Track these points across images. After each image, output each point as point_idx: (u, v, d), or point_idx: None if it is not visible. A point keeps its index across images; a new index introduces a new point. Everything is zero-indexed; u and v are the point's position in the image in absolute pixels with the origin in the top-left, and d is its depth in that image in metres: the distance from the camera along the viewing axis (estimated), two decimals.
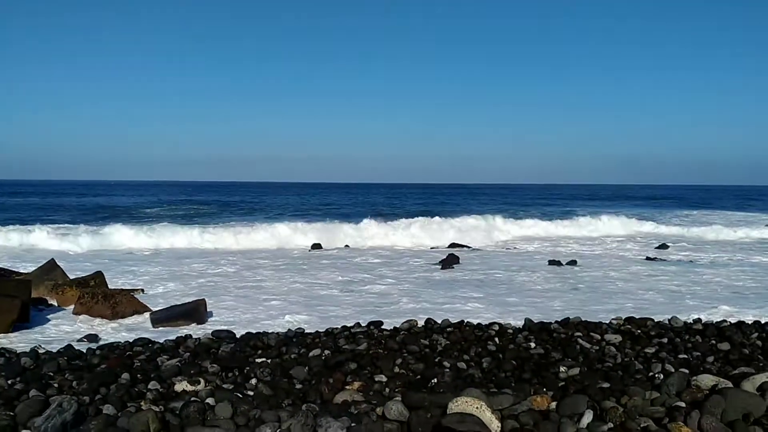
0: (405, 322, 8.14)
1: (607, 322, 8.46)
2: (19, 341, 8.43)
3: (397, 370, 6.28)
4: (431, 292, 12.99)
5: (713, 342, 7.39)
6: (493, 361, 6.61)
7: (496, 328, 7.87)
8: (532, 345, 7.14)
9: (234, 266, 16.86)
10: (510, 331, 7.84)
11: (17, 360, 6.75)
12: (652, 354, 6.87)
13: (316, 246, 21.88)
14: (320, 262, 18.13)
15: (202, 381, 5.68)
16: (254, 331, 8.15)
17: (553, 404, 4.83)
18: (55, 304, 10.96)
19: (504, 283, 14.54)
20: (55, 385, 5.76)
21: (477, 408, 4.09)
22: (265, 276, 15.11)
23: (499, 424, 4.15)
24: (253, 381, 5.93)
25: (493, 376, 6.18)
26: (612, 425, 4.41)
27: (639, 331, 7.87)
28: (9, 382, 5.84)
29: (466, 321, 8.27)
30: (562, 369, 6.21)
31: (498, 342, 7.28)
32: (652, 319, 8.49)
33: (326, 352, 6.77)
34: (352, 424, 4.26)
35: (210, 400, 5.02)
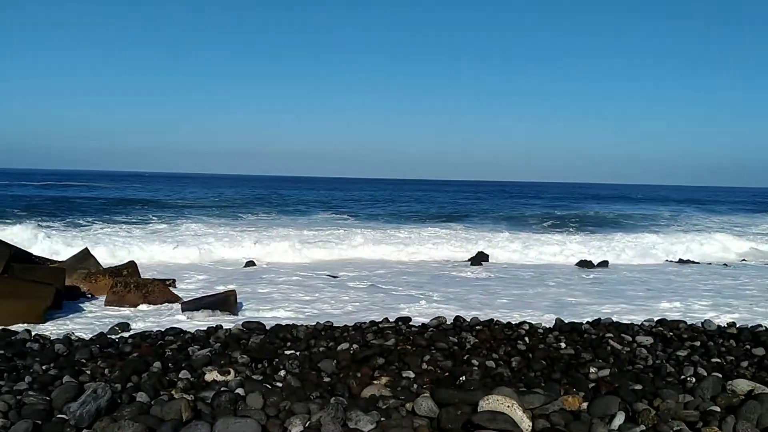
0: (433, 318, 8.11)
1: (639, 323, 8.35)
2: (52, 328, 8.58)
3: (424, 366, 6.27)
4: (460, 290, 12.95)
5: (748, 347, 7.24)
6: (523, 360, 6.57)
7: (526, 327, 7.81)
8: (563, 345, 7.07)
9: (263, 264, 16.82)
10: (540, 330, 7.77)
11: (51, 346, 6.88)
12: (684, 357, 6.76)
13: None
14: (354, 261, 18.04)
15: (232, 371, 5.73)
16: (283, 324, 8.20)
17: (584, 405, 4.78)
18: (88, 292, 11.14)
19: (533, 282, 14.45)
20: (88, 372, 5.85)
21: (508, 407, 4.06)
22: (293, 273, 15.10)
23: (530, 424, 4.12)
24: (282, 373, 5.97)
25: (522, 375, 6.15)
26: (644, 428, 4.35)
27: (671, 334, 7.74)
28: (43, 367, 5.97)
29: (495, 319, 8.23)
30: (592, 370, 6.15)
31: (527, 341, 7.22)
32: (685, 322, 8.35)
33: (354, 346, 6.77)
34: (382, 419, 4.26)
35: (240, 391, 5.06)
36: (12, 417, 4.27)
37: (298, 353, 6.58)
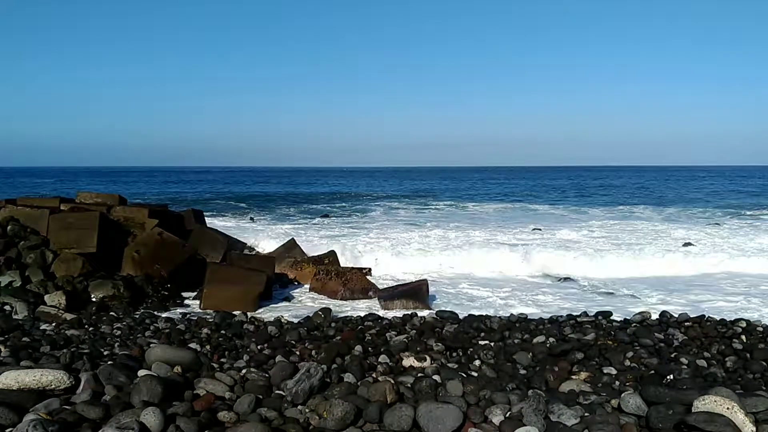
0: (637, 314, 7.71)
1: None
2: (265, 311, 9.36)
3: (627, 363, 5.99)
4: (664, 282, 12.15)
5: None
6: (739, 360, 6.05)
7: (743, 324, 7.16)
8: None
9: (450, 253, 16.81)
10: (759, 329, 7.08)
11: (265, 328, 7.51)
12: None
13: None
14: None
15: (428, 358, 5.86)
16: (476, 314, 8.22)
17: None
18: (295, 279, 11.99)
19: (750, 275, 13.13)
20: (297, 352, 6.30)
21: (728, 408, 3.73)
22: (480, 267, 14.63)
23: (754, 429, 3.75)
24: (477, 362, 6.00)
25: (738, 376, 5.67)
26: None
27: None
28: (258, 347, 6.53)
29: (707, 316, 7.62)
30: None
31: (745, 340, 6.63)
32: None
33: (551, 339, 6.64)
34: (585, 414, 4.12)
35: (436, 377, 5.16)
36: (236, 391, 4.71)
37: (492, 344, 6.59)
